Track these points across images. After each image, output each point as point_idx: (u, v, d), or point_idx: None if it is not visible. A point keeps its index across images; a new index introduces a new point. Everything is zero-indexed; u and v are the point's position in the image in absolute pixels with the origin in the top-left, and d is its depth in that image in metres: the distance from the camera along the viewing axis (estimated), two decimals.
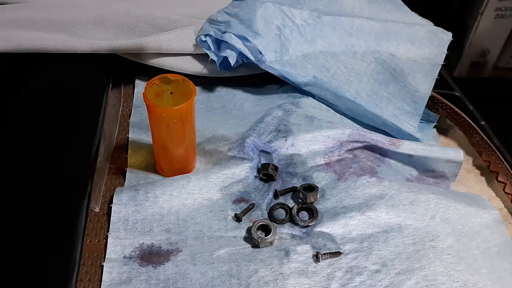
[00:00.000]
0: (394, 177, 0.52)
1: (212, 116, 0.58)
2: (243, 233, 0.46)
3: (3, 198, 0.43)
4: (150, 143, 0.52)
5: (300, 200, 0.48)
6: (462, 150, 0.55)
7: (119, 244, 0.44)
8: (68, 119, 0.51)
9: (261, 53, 0.56)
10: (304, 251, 0.44)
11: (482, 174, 0.58)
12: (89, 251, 0.44)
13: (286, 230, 0.47)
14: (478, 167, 0.59)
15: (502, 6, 1.15)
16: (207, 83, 0.62)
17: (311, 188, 0.49)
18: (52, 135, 0.49)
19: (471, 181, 0.57)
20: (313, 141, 0.52)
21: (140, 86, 0.61)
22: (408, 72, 0.60)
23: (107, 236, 0.45)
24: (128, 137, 0.55)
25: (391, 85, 0.60)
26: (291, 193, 0.50)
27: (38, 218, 0.41)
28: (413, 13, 0.69)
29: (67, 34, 0.57)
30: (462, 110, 0.61)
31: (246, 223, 0.47)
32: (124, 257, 0.44)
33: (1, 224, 0.41)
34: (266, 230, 0.46)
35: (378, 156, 0.55)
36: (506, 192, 0.55)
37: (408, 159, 0.54)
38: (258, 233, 0.46)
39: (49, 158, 0.47)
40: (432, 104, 0.63)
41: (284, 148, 0.52)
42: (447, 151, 0.54)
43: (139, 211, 0.47)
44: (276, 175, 0.51)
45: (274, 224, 0.46)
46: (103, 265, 0.43)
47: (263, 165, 0.51)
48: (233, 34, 0.56)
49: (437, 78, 0.60)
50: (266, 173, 0.50)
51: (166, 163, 0.50)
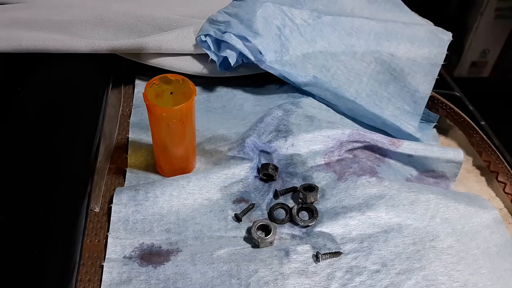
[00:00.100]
0: (394, 177, 0.52)
1: (212, 116, 0.58)
2: (243, 233, 0.46)
3: (3, 198, 0.43)
4: (150, 143, 0.52)
5: (300, 200, 0.48)
6: (462, 150, 0.56)
7: (119, 244, 0.44)
8: (68, 119, 0.51)
9: (261, 53, 0.56)
10: (304, 251, 0.44)
11: (482, 174, 0.58)
12: (89, 251, 0.44)
13: (286, 230, 0.47)
14: (478, 167, 0.59)
15: (502, 6, 1.16)
16: (207, 83, 0.62)
17: (311, 188, 0.49)
18: (52, 135, 0.49)
19: (471, 181, 0.57)
20: (313, 141, 0.52)
21: (140, 86, 0.61)
22: (408, 72, 0.60)
23: (107, 236, 0.45)
24: (128, 137, 0.55)
25: (391, 85, 0.60)
26: (291, 193, 0.50)
27: (38, 218, 0.41)
28: (413, 13, 0.69)
29: (67, 34, 0.57)
30: (462, 110, 0.61)
31: (246, 223, 0.47)
32: (124, 257, 0.44)
33: (1, 224, 0.41)
34: (266, 230, 0.46)
35: (378, 156, 0.55)
36: (506, 192, 0.55)
37: (408, 159, 0.54)
38: (258, 233, 0.46)
39: (49, 158, 0.47)
40: (432, 104, 0.63)
41: (284, 148, 0.52)
42: (447, 151, 0.54)
43: (139, 211, 0.47)
44: (276, 175, 0.51)
45: (274, 224, 0.46)
46: (103, 265, 0.43)
47: (263, 165, 0.51)
48: (233, 34, 0.56)
49: (437, 78, 0.60)
50: (266, 173, 0.50)
51: (166, 163, 0.50)
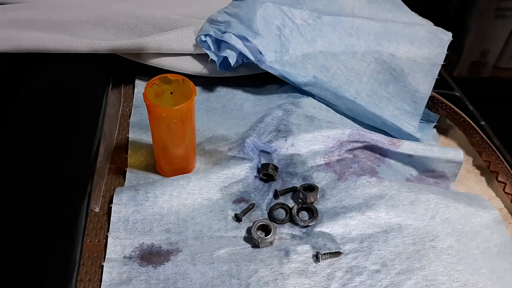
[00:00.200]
0: (394, 177, 0.52)
1: (212, 116, 0.58)
2: (243, 233, 0.46)
3: (3, 198, 0.43)
4: (150, 143, 0.52)
5: (300, 200, 0.48)
6: (462, 150, 0.55)
7: (119, 244, 0.44)
8: (68, 119, 0.51)
9: (261, 53, 0.56)
10: (304, 251, 0.44)
11: (482, 174, 0.58)
12: (89, 251, 0.44)
13: (286, 230, 0.47)
14: (478, 167, 0.59)
15: (502, 6, 1.15)
16: (207, 83, 0.62)
17: (311, 188, 0.49)
18: (52, 135, 0.49)
19: (471, 181, 0.57)
20: (313, 141, 0.52)
21: (140, 86, 0.61)
22: (408, 72, 0.60)
23: (107, 236, 0.45)
24: (128, 137, 0.55)
25: (391, 85, 0.60)
26: (291, 193, 0.50)
27: (38, 218, 0.41)
28: (413, 13, 0.69)
29: (67, 34, 0.57)
30: (462, 110, 0.61)
31: (246, 223, 0.47)
32: (124, 257, 0.44)
33: (1, 224, 0.41)
34: (266, 230, 0.46)
35: (378, 156, 0.55)
36: (506, 192, 0.55)
37: (408, 159, 0.54)
38: (258, 233, 0.46)
39: (49, 158, 0.47)
40: (432, 104, 0.63)
41: (284, 148, 0.52)
42: (447, 151, 0.54)
43: (139, 211, 0.47)
44: (276, 175, 0.51)
45: (274, 224, 0.46)
46: (103, 265, 0.43)
47: (263, 165, 0.51)
48: (233, 34, 0.56)
49: (437, 78, 0.60)
50: (266, 173, 0.50)
51: (166, 163, 0.50)
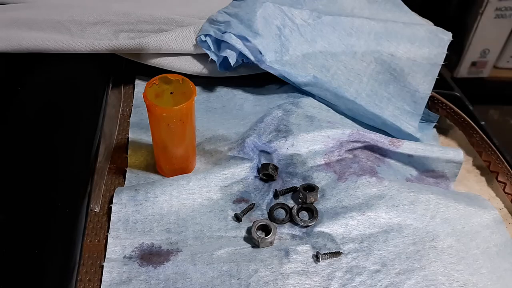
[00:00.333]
0: (394, 177, 0.52)
1: (212, 116, 0.58)
2: (243, 233, 0.46)
3: (3, 198, 0.43)
4: (150, 143, 0.52)
5: (300, 200, 0.48)
6: (462, 150, 0.55)
7: (119, 244, 0.44)
8: (68, 119, 0.51)
9: (261, 53, 0.56)
10: (304, 251, 0.44)
11: (482, 174, 0.58)
12: (89, 251, 0.44)
13: (286, 230, 0.47)
14: (478, 167, 0.59)
15: (502, 6, 1.16)
16: (207, 83, 0.62)
17: (311, 188, 0.49)
18: (52, 135, 0.49)
19: (471, 181, 0.57)
20: (313, 141, 0.52)
21: (140, 86, 0.61)
22: (408, 72, 0.60)
23: (107, 236, 0.45)
24: (128, 137, 0.55)
25: (391, 85, 0.60)
26: (291, 193, 0.50)
27: (38, 218, 0.41)
28: (413, 13, 0.69)
29: (67, 34, 0.57)
30: (462, 110, 0.61)
31: (246, 223, 0.47)
32: (124, 257, 0.44)
33: (1, 224, 0.41)
34: (266, 230, 0.46)
35: (378, 156, 0.55)
36: (506, 192, 0.55)
37: (408, 159, 0.54)
38: (258, 233, 0.46)
39: (49, 158, 0.47)
40: (432, 104, 0.62)
41: (284, 148, 0.52)
42: (447, 151, 0.54)
43: (139, 211, 0.47)
44: (276, 175, 0.51)
45: (274, 224, 0.46)
46: (103, 265, 0.43)
47: (263, 165, 0.51)
48: (233, 34, 0.56)
49: (437, 78, 0.60)
50: (266, 173, 0.50)
51: (166, 163, 0.50)
